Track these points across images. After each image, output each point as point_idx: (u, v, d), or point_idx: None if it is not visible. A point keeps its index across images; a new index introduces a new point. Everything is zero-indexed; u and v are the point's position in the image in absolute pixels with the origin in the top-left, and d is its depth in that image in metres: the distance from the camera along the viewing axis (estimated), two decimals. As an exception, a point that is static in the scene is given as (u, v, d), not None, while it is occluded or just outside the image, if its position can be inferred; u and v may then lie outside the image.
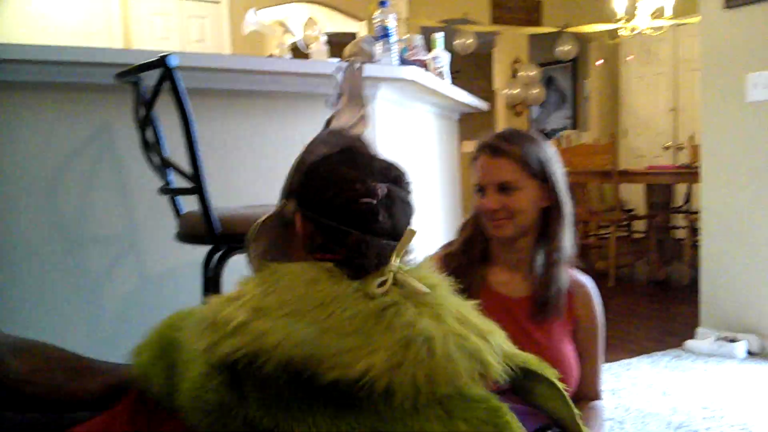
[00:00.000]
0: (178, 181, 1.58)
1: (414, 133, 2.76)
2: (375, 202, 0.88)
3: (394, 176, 0.94)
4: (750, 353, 2.97)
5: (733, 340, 2.98)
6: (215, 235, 1.52)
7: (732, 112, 3.12)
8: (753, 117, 3.03)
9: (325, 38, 2.51)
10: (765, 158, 2.98)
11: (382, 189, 0.89)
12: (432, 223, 3.05)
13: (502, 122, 7.40)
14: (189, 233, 1.63)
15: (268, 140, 2.11)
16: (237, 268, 2.01)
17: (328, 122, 1.15)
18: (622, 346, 3.06)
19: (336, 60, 2.37)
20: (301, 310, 0.79)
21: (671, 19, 5.77)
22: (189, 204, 1.82)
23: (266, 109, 2.11)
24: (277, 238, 1.01)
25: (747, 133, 3.06)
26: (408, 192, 0.95)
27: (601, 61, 7.51)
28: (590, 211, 4.99)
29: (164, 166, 1.68)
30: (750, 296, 3.07)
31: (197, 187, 1.50)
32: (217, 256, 1.60)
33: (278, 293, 0.82)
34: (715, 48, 3.19)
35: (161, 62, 1.43)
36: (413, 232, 0.90)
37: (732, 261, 3.15)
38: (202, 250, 1.67)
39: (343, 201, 0.89)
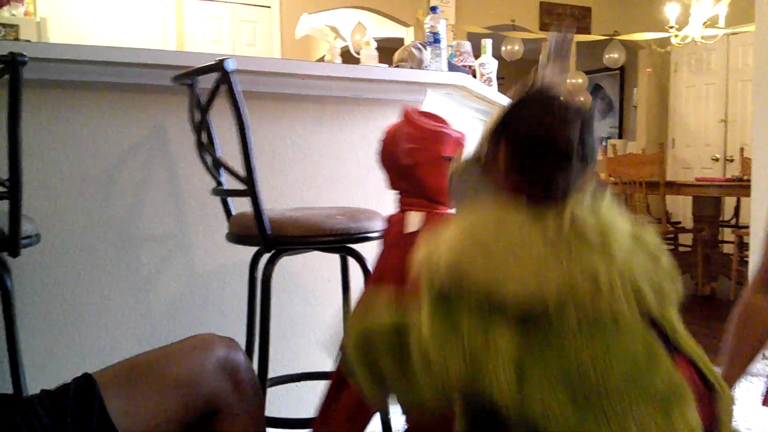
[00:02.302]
0: (230, 183, 1.62)
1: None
2: (573, 139, 0.98)
3: (586, 116, 1.01)
4: None
5: (782, 359, 2.90)
6: (266, 237, 1.55)
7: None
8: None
9: (374, 44, 2.53)
10: (821, 173, 2.90)
11: (577, 124, 0.98)
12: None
13: (547, 129, 7.34)
14: (240, 234, 1.66)
15: (316, 144, 2.14)
16: (283, 270, 2.06)
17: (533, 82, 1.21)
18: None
19: (385, 65, 2.40)
20: (492, 251, 0.93)
21: (724, 28, 5.65)
22: (239, 206, 1.86)
23: (315, 114, 2.14)
24: (476, 180, 1.10)
25: (802, 146, 2.98)
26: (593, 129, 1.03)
27: (650, 69, 7.39)
28: (635, 222, 4.90)
29: (218, 167, 1.72)
30: None
31: (250, 189, 1.53)
32: (266, 257, 1.63)
33: (474, 235, 0.96)
34: (770, 58, 3.13)
35: (219, 66, 1.47)
36: (597, 174, 1.01)
37: (783, 278, 3.07)
38: (249, 252, 1.70)
39: (544, 135, 1.00)
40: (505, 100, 3.12)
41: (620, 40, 7.14)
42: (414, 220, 1.51)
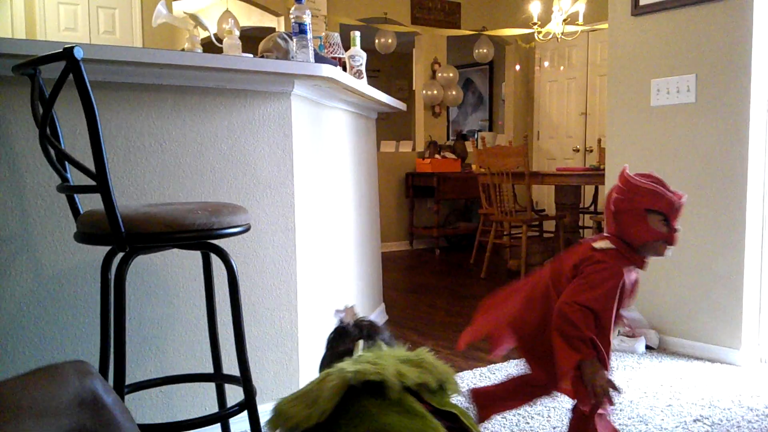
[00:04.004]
0: (81, 179, 1.51)
1: (331, 132, 2.75)
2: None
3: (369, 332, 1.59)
4: (649, 348, 3.12)
5: (633, 336, 3.12)
6: (119, 235, 1.46)
7: (637, 116, 3.27)
8: (656, 121, 3.18)
9: (237, 33, 2.45)
10: (667, 161, 3.13)
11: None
12: (350, 219, 3.05)
13: (420, 122, 7.48)
14: (88, 233, 1.55)
15: (176, 137, 2.05)
16: (142, 270, 1.96)
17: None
18: (532, 343, 3.14)
19: (250, 55, 2.33)
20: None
21: (583, 25, 5.98)
22: (89, 203, 1.74)
23: (175, 105, 2.04)
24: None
25: (650, 136, 3.21)
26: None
27: (518, 66, 7.70)
28: (504, 212, 5.11)
29: (62, 162, 1.60)
30: (649, 294, 3.22)
31: (101, 185, 1.43)
32: (119, 257, 1.53)
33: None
34: (621, 54, 3.33)
35: (65, 54, 1.36)
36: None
37: (634, 260, 3.29)
38: (103, 252, 1.60)
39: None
40: (377, 93, 3.13)
41: (488, 35, 7.39)
42: (605, 242, 1.76)
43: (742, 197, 2.86)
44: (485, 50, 7.51)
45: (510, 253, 5.57)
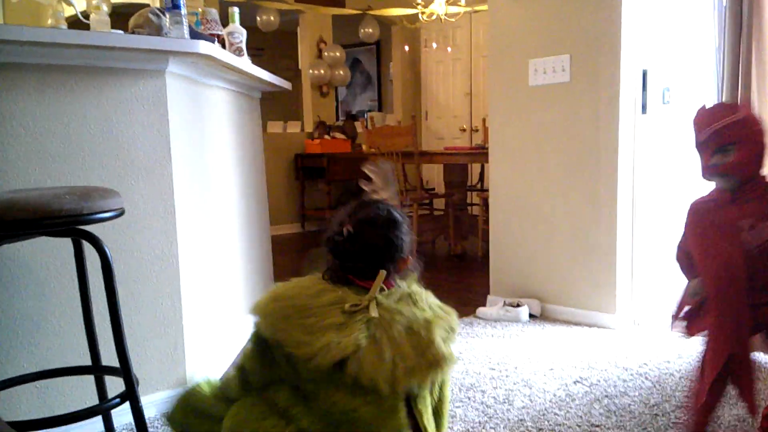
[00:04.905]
0: None
1: (211, 112, 2.66)
2: (341, 238, 1.35)
3: (369, 220, 1.38)
4: (532, 316, 3.26)
5: (518, 305, 3.25)
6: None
7: (516, 95, 3.38)
8: (535, 100, 3.30)
9: (106, 9, 2.31)
10: (545, 139, 3.26)
11: (348, 228, 1.36)
12: (235, 202, 2.97)
13: (308, 103, 7.40)
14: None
15: (40, 118, 1.91)
16: (8, 261, 1.82)
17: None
18: (423, 318, 3.20)
19: (120, 31, 2.21)
20: (292, 313, 1.28)
21: (465, 6, 6.11)
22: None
23: (38, 85, 1.89)
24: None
25: (530, 115, 3.32)
26: (381, 232, 1.37)
27: (407, 46, 7.76)
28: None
29: None
30: (532, 265, 3.36)
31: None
32: (-26, 247, 1.42)
33: (290, 296, 1.32)
34: (501, 35, 3.43)
35: None
36: (382, 275, 1.33)
37: (516, 233, 3.43)
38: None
39: (328, 237, 1.39)
40: (259, 71, 3.04)
41: (374, 15, 7.40)
42: None
43: (614, 171, 3.03)
44: (371, 30, 7.51)
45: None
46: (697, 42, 2.95)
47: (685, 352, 2.70)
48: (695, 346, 2.75)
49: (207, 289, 2.49)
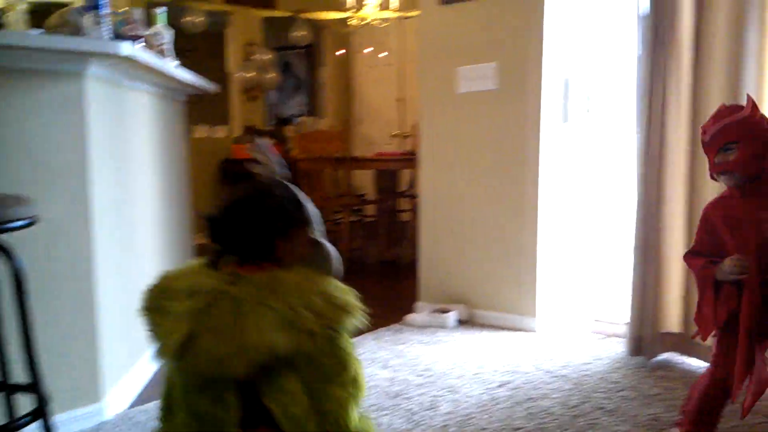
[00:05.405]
0: None
1: (132, 115, 2.58)
2: (210, 223, 1.26)
3: (239, 197, 1.28)
4: (460, 321, 3.30)
5: (445, 311, 3.29)
6: None
7: (445, 102, 3.42)
8: (463, 107, 3.35)
9: (23, 7, 2.22)
10: (474, 145, 3.32)
11: (220, 211, 1.26)
12: (156, 208, 2.89)
13: (236, 106, 7.29)
14: None
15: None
16: None
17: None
18: (352, 325, 3.19)
19: (39, 30, 2.12)
20: (156, 293, 1.24)
21: (396, 11, 6.15)
22: None
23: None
24: None
25: (458, 122, 3.37)
26: (251, 207, 1.26)
27: (343, 50, 7.75)
28: (325, 197, 5.14)
29: None
30: (459, 271, 3.41)
31: None
32: None
33: (164, 276, 1.28)
34: (431, 42, 3.46)
35: None
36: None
37: (445, 239, 3.47)
38: None
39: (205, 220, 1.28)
40: (183, 74, 2.98)
41: (306, 18, 7.35)
42: None
43: (536, 178, 3.11)
44: (303, 33, 7.46)
45: (332, 238, 5.62)
46: (617, 52, 3.07)
47: (603, 354, 2.80)
48: (612, 347, 2.86)
49: (125, 300, 2.41)
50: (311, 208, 1.37)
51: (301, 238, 1.31)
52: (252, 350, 1.12)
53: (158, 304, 1.20)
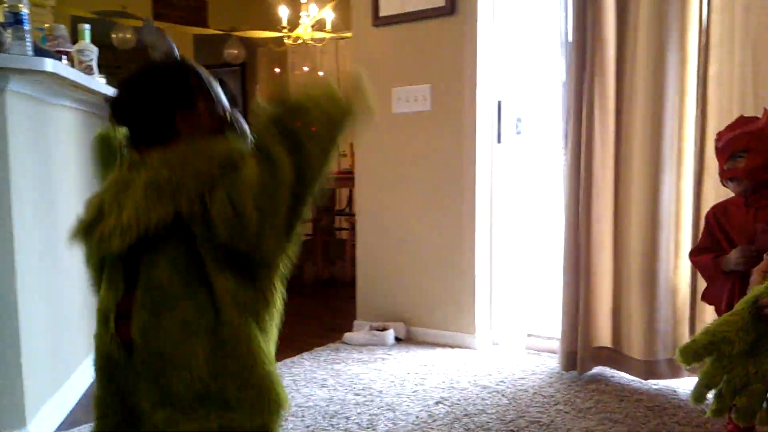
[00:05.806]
0: None
1: (57, 133, 2.48)
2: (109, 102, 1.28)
3: (139, 78, 1.27)
4: (398, 339, 3.30)
5: (384, 329, 3.28)
6: None
7: (381, 122, 3.42)
8: (399, 127, 3.37)
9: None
10: (410, 165, 3.34)
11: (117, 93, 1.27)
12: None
13: (169, 124, 7.14)
14: None
15: None
16: None
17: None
18: (290, 345, 3.15)
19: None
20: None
21: (331, 32, 6.16)
22: None
23: None
24: None
25: (394, 142, 3.39)
26: (151, 85, 1.25)
27: (278, 69, 7.70)
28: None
29: None
30: (397, 288, 3.41)
31: None
32: None
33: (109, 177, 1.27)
34: (365, 63, 3.47)
35: None
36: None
37: (383, 258, 3.47)
38: None
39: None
40: (112, 91, 2.90)
41: (238, 36, 7.29)
42: None
43: (473, 197, 3.15)
44: (236, 51, 7.40)
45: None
46: (546, 76, 3.16)
47: (538, 369, 2.84)
48: (547, 362, 2.91)
49: (51, 320, 2.30)
50: (218, 87, 1.34)
51: (203, 110, 1.25)
52: (126, 226, 1.12)
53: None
